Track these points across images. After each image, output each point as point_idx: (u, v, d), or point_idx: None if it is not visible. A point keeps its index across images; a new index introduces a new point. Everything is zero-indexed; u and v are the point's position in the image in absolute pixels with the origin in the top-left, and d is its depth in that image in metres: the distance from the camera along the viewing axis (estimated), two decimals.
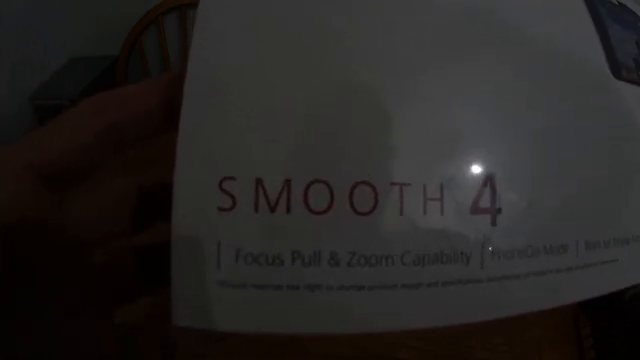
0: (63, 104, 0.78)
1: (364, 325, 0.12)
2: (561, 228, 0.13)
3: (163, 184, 0.12)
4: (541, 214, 0.13)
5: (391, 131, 0.12)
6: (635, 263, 0.15)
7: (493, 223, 0.12)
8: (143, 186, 0.14)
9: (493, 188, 0.12)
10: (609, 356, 0.39)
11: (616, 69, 0.16)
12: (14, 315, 0.12)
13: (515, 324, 0.38)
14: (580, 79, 0.15)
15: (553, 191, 0.13)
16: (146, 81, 0.14)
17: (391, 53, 0.13)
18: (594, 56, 0.15)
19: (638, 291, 0.37)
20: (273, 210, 0.11)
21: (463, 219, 0.12)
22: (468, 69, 0.13)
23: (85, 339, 0.13)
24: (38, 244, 0.12)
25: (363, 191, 0.12)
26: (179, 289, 0.11)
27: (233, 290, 0.11)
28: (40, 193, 0.12)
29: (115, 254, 0.14)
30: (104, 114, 0.13)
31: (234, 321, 0.12)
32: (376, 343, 0.37)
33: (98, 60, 0.90)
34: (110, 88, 0.14)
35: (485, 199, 0.12)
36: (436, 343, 0.37)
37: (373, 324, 0.12)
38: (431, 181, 0.12)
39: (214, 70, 0.12)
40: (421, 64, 0.13)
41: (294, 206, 0.11)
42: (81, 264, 0.13)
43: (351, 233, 0.12)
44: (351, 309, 0.12)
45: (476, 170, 0.12)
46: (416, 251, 0.12)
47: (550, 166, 0.13)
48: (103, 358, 0.13)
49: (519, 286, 0.13)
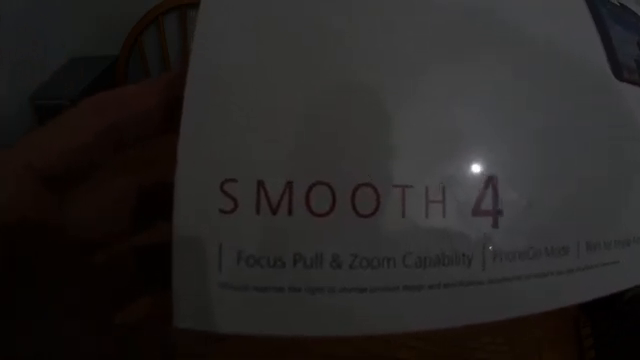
0: (63, 104, 0.78)
1: (366, 327, 0.12)
2: (562, 229, 0.13)
3: (163, 184, 0.12)
4: (542, 215, 0.13)
5: (392, 132, 0.12)
6: (636, 264, 0.15)
7: (495, 225, 0.12)
8: (143, 186, 0.14)
9: (495, 190, 0.12)
10: (609, 356, 0.39)
11: (617, 70, 0.16)
12: (14, 315, 0.12)
13: (515, 325, 0.38)
14: (580, 79, 0.15)
15: (553, 192, 0.13)
16: (146, 81, 0.14)
17: (391, 53, 0.13)
18: (595, 57, 0.15)
19: (638, 292, 0.37)
20: (275, 212, 0.11)
21: (465, 221, 0.12)
22: (468, 69, 0.13)
23: (85, 339, 0.13)
24: (38, 244, 0.12)
25: (365, 193, 0.12)
26: (180, 290, 0.11)
27: (235, 292, 0.11)
28: (40, 193, 0.12)
29: (115, 254, 0.14)
30: (104, 114, 0.13)
31: (235, 323, 0.12)
32: (376, 343, 0.37)
33: (98, 60, 0.90)
34: (110, 88, 0.14)
35: (487, 201, 0.12)
36: (436, 343, 0.37)
37: (375, 326, 0.12)
38: (433, 183, 0.12)
39: (216, 70, 0.12)
40: (421, 64, 0.13)
41: (296, 208, 0.11)
42: (81, 264, 0.13)
43: (353, 235, 0.12)
44: (353, 311, 0.12)
45: (477, 171, 0.12)
46: (418, 253, 0.12)
47: (550, 166, 0.13)
48: (103, 358, 0.13)
49: (520, 288, 0.13)
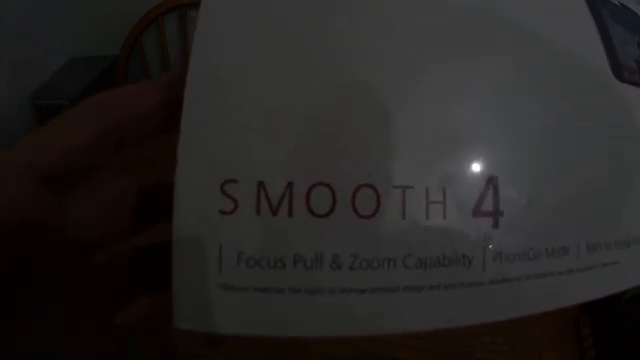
0: (63, 104, 0.78)
1: (366, 328, 0.12)
2: (562, 230, 0.13)
3: (163, 184, 0.12)
4: (542, 216, 0.13)
5: (392, 132, 0.12)
6: (636, 265, 0.15)
7: (495, 225, 0.12)
8: (143, 186, 0.14)
9: (495, 190, 0.12)
10: (609, 356, 0.39)
11: (618, 70, 0.16)
12: (14, 315, 0.12)
13: (515, 325, 0.38)
14: (581, 79, 0.15)
15: (553, 192, 0.13)
16: (146, 81, 0.14)
17: (391, 53, 0.13)
18: (595, 57, 0.15)
19: (637, 292, 0.37)
20: (275, 213, 0.11)
21: (465, 222, 0.12)
22: (468, 69, 0.13)
23: (85, 339, 0.13)
24: (38, 244, 0.12)
25: (365, 194, 0.12)
26: (180, 291, 0.11)
27: (235, 293, 0.11)
28: (40, 193, 0.12)
29: (115, 254, 0.14)
30: (104, 114, 0.13)
31: (236, 324, 0.12)
32: (377, 343, 0.37)
33: (98, 60, 0.90)
34: (110, 88, 0.14)
35: (487, 201, 0.12)
36: (436, 343, 0.37)
37: (375, 327, 0.12)
38: (433, 184, 0.12)
39: (216, 70, 0.12)
40: (421, 64, 0.13)
41: (296, 209, 0.11)
42: (81, 264, 0.13)
43: (353, 236, 0.12)
44: (353, 312, 0.12)
45: (478, 172, 0.12)
46: (418, 254, 0.12)
47: (550, 166, 0.13)
48: (103, 358, 0.13)
49: (520, 288, 0.13)
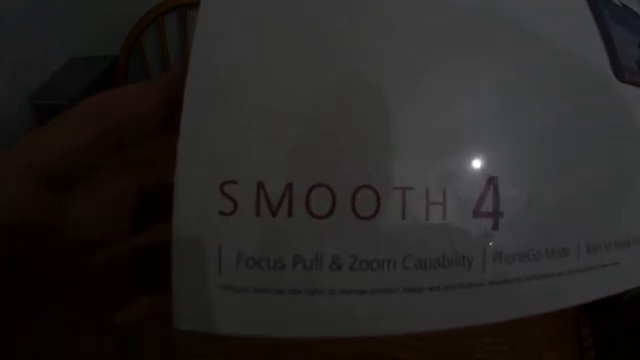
0: (63, 104, 0.78)
1: (365, 329, 0.12)
2: (562, 230, 0.13)
3: (163, 184, 0.12)
4: (542, 216, 0.13)
5: (392, 132, 0.12)
6: (636, 266, 0.15)
7: (495, 226, 0.12)
8: (143, 186, 0.14)
9: (495, 191, 0.12)
10: (609, 356, 0.39)
11: (619, 71, 0.15)
12: (14, 315, 0.12)
13: (515, 325, 0.37)
14: (581, 79, 0.15)
15: (553, 192, 0.13)
16: (146, 81, 0.14)
17: (391, 53, 0.13)
18: (596, 57, 0.15)
19: (637, 292, 0.37)
20: (275, 214, 0.11)
21: (465, 223, 0.12)
22: (468, 69, 0.13)
23: (85, 339, 0.13)
24: (38, 244, 0.12)
25: (365, 195, 0.12)
26: (180, 291, 0.11)
27: (235, 294, 0.11)
28: (40, 193, 0.12)
29: (115, 254, 0.14)
30: (104, 114, 0.13)
31: (236, 325, 0.12)
32: (377, 344, 0.37)
33: (98, 60, 0.90)
34: (110, 88, 0.14)
35: (487, 202, 0.12)
36: (436, 343, 0.37)
37: (375, 328, 0.12)
38: (433, 184, 0.12)
39: (216, 70, 0.12)
40: (421, 64, 0.13)
41: (296, 210, 0.11)
42: (81, 264, 0.13)
43: (353, 237, 0.12)
44: (353, 313, 0.12)
45: (478, 173, 0.12)
46: (418, 255, 0.12)
47: (550, 166, 0.13)
48: (103, 358, 0.13)
49: (520, 289, 0.13)
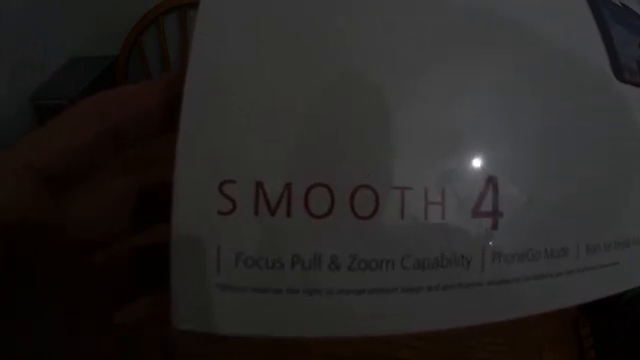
0: (63, 104, 0.78)
1: (364, 329, 0.12)
2: (562, 230, 0.13)
3: (163, 184, 0.12)
4: (541, 216, 0.13)
5: (392, 132, 0.12)
6: (636, 266, 0.15)
7: (494, 226, 0.12)
8: (143, 186, 0.14)
9: (494, 191, 0.12)
10: (609, 356, 0.39)
11: (619, 71, 0.15)
12: (14, 315, 0.12)
13: (515, 325, 0.37)
14: (581, 79, 0.15)
15: (553, 192, 0.13)
16: (146, 81, 0.14)
17: (391, 53, 0.13)
18: (596, 57, 0.15)
19: (637, 292, 0.37)
20: (273, 214, 0.11)
21: (464, 222, 0.12)
22: (468, 69, 0.13)
23: (85, 339, 0.13)
24: (38, 244, 0.12)
25: (364, 195, 0.12)
26: (179, 291, 0.11)
27: (233, 293, 0.11)
28: (40, 193, 0.12)
29: (115, 254, 0.14)
30: (104, 114, 0.13)
31: (235, 325, 0.12)
32: (377, 343, 0.37)
33: (98, 60, 0.90)
34: (110, 88, 0.14)
35: (486, 202, 0.12)
36: (437, 343, 0.37)
37: (373, 328, 0.12)
38: (432, 184, 0.12)
39: (215, 70, 0.12)
40: (421, 64, 0.13)
41: (294, 210, 0.11)
42: (81, 264, 0.13)
43: (351, 237, 0.12)
44: (351, 313, 0.12)
45: (477, 173, 0.12)
46: (416, 255, 0.12)
47: (550, 166, 0.13)
48: (103, 358, 0.13)
49: (519, 289, 0.13)
